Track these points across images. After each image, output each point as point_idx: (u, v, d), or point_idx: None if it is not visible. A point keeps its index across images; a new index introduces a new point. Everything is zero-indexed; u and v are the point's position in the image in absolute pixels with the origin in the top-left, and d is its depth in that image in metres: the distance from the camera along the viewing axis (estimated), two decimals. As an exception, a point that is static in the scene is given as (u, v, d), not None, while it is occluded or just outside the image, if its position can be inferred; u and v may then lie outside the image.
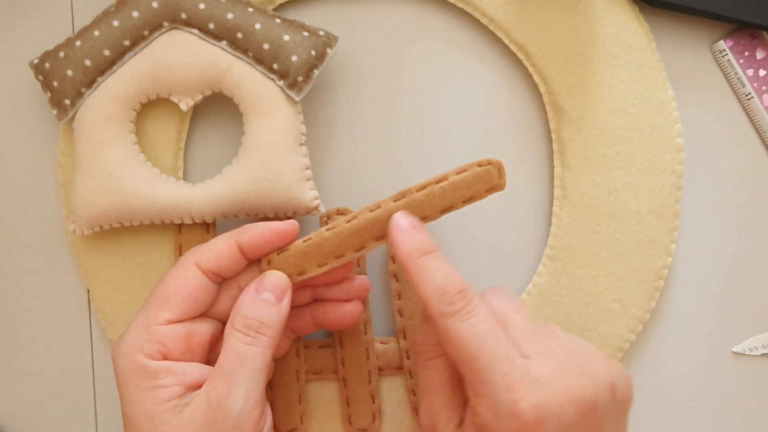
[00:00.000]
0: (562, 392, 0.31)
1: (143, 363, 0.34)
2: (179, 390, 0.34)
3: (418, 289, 0.34)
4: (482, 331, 0.32)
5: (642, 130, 0.41)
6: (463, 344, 0.32)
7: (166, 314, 0.35)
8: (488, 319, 0.33)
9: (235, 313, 0.35)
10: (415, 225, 0.35)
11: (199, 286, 0.36)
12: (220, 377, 0.34)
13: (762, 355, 0.43)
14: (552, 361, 0.32)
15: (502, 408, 0.31)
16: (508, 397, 0.31)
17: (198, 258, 0.36)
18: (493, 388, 0.31)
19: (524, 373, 0.31)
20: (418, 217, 0.35)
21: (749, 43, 0.42)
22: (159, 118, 0.41)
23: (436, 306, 0.33)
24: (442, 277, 0.33)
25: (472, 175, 0.35)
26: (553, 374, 0.32)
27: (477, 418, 0.32)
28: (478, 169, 0.35)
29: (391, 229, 0.35)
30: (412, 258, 0.34)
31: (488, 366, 0.31)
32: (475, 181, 0.35)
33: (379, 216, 0.36)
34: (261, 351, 0.34)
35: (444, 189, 0.35)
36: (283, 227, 0.36)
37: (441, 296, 0.33)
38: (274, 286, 0.36)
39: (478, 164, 0.35)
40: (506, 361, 0.31)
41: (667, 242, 0.41)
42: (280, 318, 0.35)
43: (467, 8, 0.41)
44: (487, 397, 0.32)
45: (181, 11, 0.39)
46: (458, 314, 0.32)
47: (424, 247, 0.34)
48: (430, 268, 0.34)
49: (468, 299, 0.33)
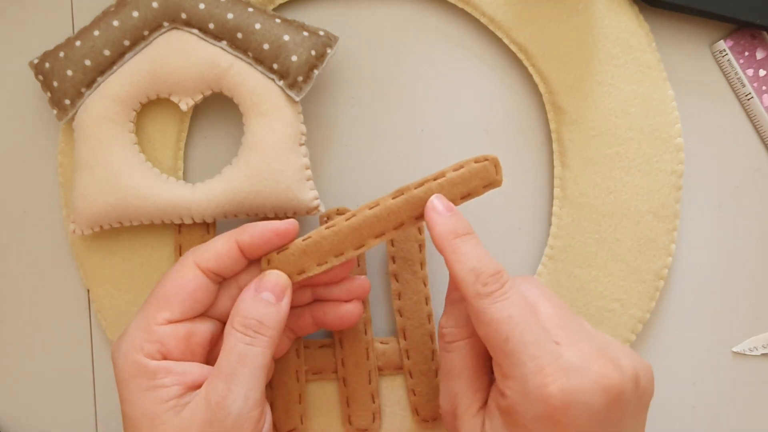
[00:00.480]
0: (590, 379, 0.32)
1: (143, 363, 0.34)
2: (179, 390, 0.34)
3: (453, 269, 0.34)
4: (515, 314, 0.32)
5: (642, 130, 0.41)
6: (496, 325, 0.32)
7: (165, 314, 0.35)
8: (521, 303, 0.33)
9: (234, 312, 0.35)
10: (451, 208, 0.35)
11: (199, 286, 0.36)
12: (220, 377, 0.34)
13: (762, 355, 0.43)
14: (581, 348, 0.33)
15: (531, 391, 0.31)
16: (538, 380, 0.31)
17: (198, 258, 0.36)
18: (523, 371, 0.32)
19: (555, 357, 0.32)
20: (416, 214, 0.36)
21: (749, 43, 0.42)
22: (159, 118, 0.41)
23: (470, 286, 0.33)
24: (476, 259, 0.34)
25: (469, 172, 0.36)
26: (582, 361, 0.32)
27: (504, 401, 0.32)
28: (474, 165, 0.36)
29: (427, 210, 0.35)
30: (448, 239, 0.34)
31: (520, 348, 0.32)
32: (472, 178, 0.36)
33: (377, 213, 0.36)
34: (260, 351, 0.34)
35: (441, 185, 0.36)
36: (283, 226, 0.36)
37: (475, 277, 0.33)
38: (274, 285, 0.36)
39: (475, 160, 0.36)
40: (537, 345, 0.32)
41: (667, 242, 0.41)
42: (280, 318, 0.35)
43: (467, 8, 0.41)
44: (516, 380, 0.32)
45: (181, 11, 0.39)
46: (492, 295, 0.33)
47: (460, 230, 0.34)
48: (465, 249, 0.34)
49: (502, 282, 0.33)
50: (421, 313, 0.41)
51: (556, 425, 0.31)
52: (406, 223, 0.36)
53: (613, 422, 0.32)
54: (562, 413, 0.31)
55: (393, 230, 0.36)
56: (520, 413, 0.32)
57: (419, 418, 0.41)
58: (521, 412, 0.32)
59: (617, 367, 0.32)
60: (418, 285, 0.41)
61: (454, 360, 0.35)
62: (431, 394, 0.41)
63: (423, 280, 0.41)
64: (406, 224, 0.36)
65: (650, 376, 0.34)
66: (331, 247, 0.36)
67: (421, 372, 0.41)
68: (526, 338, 0.32)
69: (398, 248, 0.41)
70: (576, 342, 0.33)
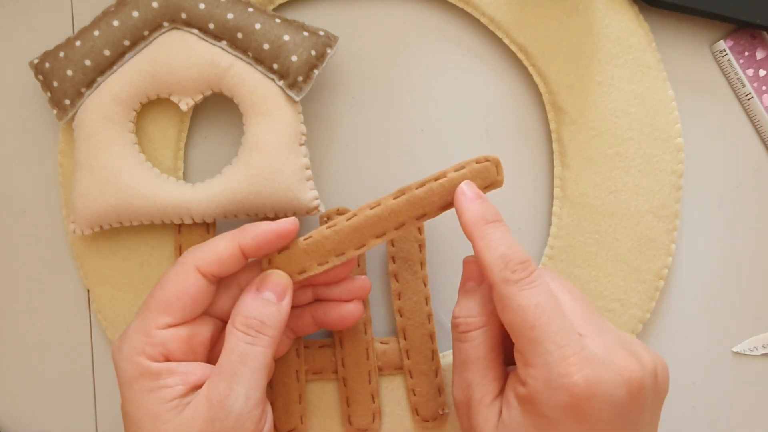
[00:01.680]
0: (613, 371, 0.32)
1: (146, 365, 0.34)
2: (182, 389, 0.34)
3: (481, 254, 0.34)
4: (542, 302, 0.32)
5: (642, 130, 0.41)
6: (523, 312, 0.32)
7: (166, 319, 0.35)
8: (548, 292, 0.33)
9: (236, 312, 0.35)
10: (480, 195, 0.35)
11: (200, 290, 0.36)
12: (221, 376, 0.34)
13: (762, 355, 0.43)
14: (603, 341, 0.33)
15: (555, 380, 0.31)
16: (562, 369, 0.31)
17: (198, 261, 0.36)
18: (548, 359, 0.32)
19: (580, 347, 0.32)
20: (417, 214, 0.36)
21: (749, 43, 0.42)
22: (159, 118, 0.41)
23: (498, 273, 0.33)
24: (506, 246, 0.34)
25: (470, 172, 0.36)
26: (606, 353, 0.32)
27: (524, 389, 0.32)
28: (476, 165, 0.36)
29: (457, 196, 0.35)
30: (478, 226, 0.34)
31: (545, 337, 0.32)
32: (473, 178, 0.36)
33: (379, 213, 0.36)
34: (262, 350, 0.34)
35: (443, 186, 0.36)
36: (285, 227, 0.36)
37: (504, 263, 0.33)
38: (275, 285, 0.36)
39: (476, 161, 0.36)
40: (563, 335, 0.32)
41: (667, 242, 0.41)
42: (281, 317, 0.35)
43: (467, 8, 0.41)
44: (539, 368, 0.32)
45: (181, 11, 0.39)
46: (520, 282, 0.33)
47: (489, 216, 0.35)
48: (494, 236, 0.34)
49: (530, 270, 0.33)
50: (421, 313, 0.41)
51: (578, 415, 0.31)
52: (407, 223, 0.36)
53: (633, 415, 0.32)
54: (586, 403, 0.31)
55: (394, 230, 0.36)
56: (541, 402, 0.32)
57: (419, 418, 0.41)
58: (543, 401, 0.32)
59: (639, 361, 0.33)
60: (418, 285, 0.41)
61: (469, 350, 0.35)
62: (431, 394, 0.41)
63: (423, 280, 0.41)
64: (407, 224, 0.36)
65: (666, 372, 0.34)
66: (333, 246, 0.36)
67: (421, 372, 0.41)
68: (551, 327, 0.32)
69: (398, 248, 0.41)
70: (598, 334, 0.33)
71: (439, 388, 0.41)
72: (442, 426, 0.41)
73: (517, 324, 0.33)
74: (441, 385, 0.41)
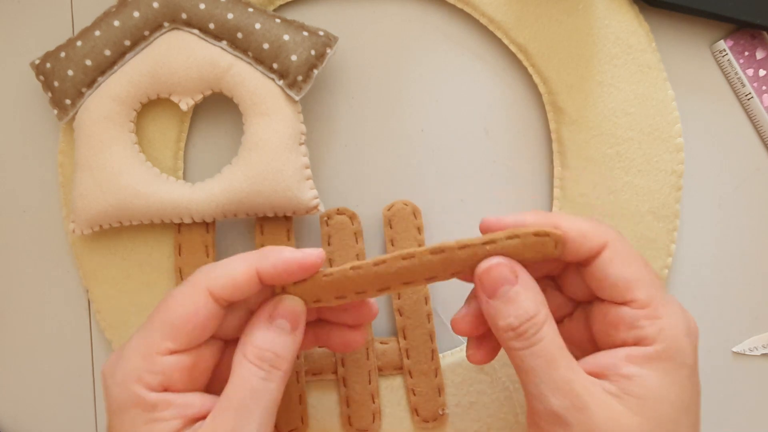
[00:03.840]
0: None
1: (141, 394, 0.31)
2: (179, 424, 0.31)
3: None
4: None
5: (642, 130, 0.41)
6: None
7: (170, 344, 0.32)
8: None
9: (246, 341, 0.32)
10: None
11: (210, 315, 0.32)
12: (230, 410, 0.31)
13: (762, 355, 0.43)
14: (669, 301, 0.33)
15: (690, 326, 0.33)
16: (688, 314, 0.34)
17: (212, 284, 0.32)
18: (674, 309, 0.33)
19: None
20: (452, 271, 0.33)
21: (749, 43, 0.42)
22: (159, 118, 0.41)
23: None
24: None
25: (523, 245, 0.32)
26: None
27: (653, 348, 0.32)
28: (533, 238, 0.32)
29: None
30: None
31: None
32: (526, 250, 0.33)
33: (410, 266, 0.33)
34: (275, 387, 0.32)
35: (489, 253, 0.33)
36: (309, 260, 0.33)
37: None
38: (290, 312, 0.33)
39: (535, 233, 0.32)
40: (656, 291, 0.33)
41: (667, 242, 0.41)
42: (295, 348, 0.33)
43: (467, 8, 0.41)
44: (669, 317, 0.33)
45: (182, 11, 0.39)
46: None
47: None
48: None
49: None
50: (421, 312, 0.41)
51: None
52: (438, 277, 0.33)
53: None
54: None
55: (424, 281, 0.33)
56: (681, 350, 0.32)
57: (419, 418, 0.41)
58: (682, 349, 0.32)
59: (689, 317, 0.33)
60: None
61: (548, 347, 0.32)
62: (431, 394, 0.41)
63: (423, 280, 0.41)
64: (438, 278, 0.33)
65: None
66: (354, 287, 0.33)
67: (420, 371, 0.41)
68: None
69: (398, 248, 0.41)
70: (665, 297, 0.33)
71: (439, 388, 0.41)
72: (442, 426, 0.41)
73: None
74: (441, 385, 0.41)
